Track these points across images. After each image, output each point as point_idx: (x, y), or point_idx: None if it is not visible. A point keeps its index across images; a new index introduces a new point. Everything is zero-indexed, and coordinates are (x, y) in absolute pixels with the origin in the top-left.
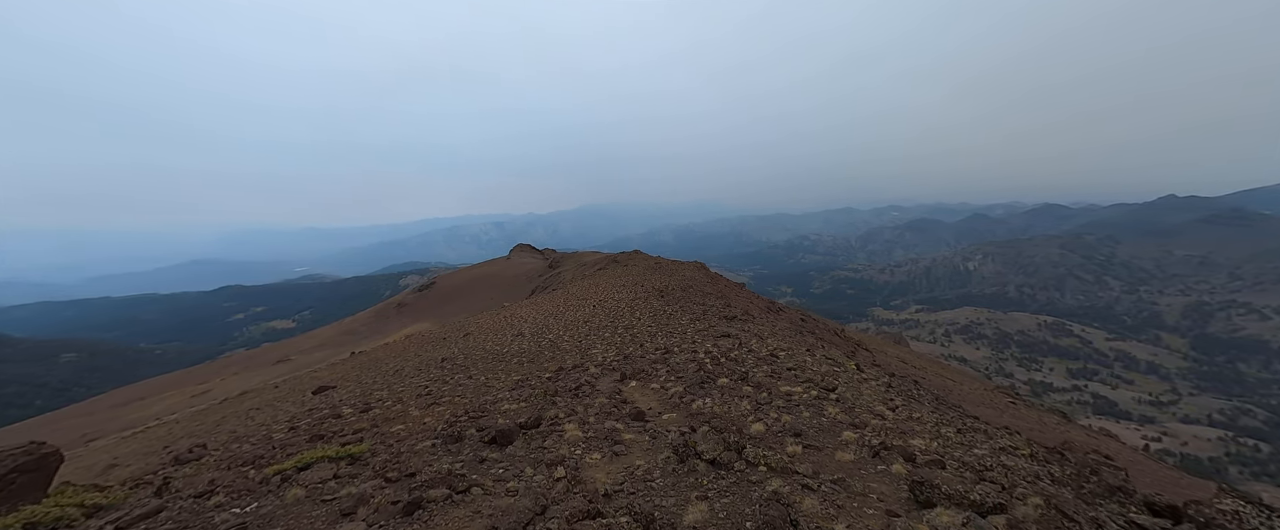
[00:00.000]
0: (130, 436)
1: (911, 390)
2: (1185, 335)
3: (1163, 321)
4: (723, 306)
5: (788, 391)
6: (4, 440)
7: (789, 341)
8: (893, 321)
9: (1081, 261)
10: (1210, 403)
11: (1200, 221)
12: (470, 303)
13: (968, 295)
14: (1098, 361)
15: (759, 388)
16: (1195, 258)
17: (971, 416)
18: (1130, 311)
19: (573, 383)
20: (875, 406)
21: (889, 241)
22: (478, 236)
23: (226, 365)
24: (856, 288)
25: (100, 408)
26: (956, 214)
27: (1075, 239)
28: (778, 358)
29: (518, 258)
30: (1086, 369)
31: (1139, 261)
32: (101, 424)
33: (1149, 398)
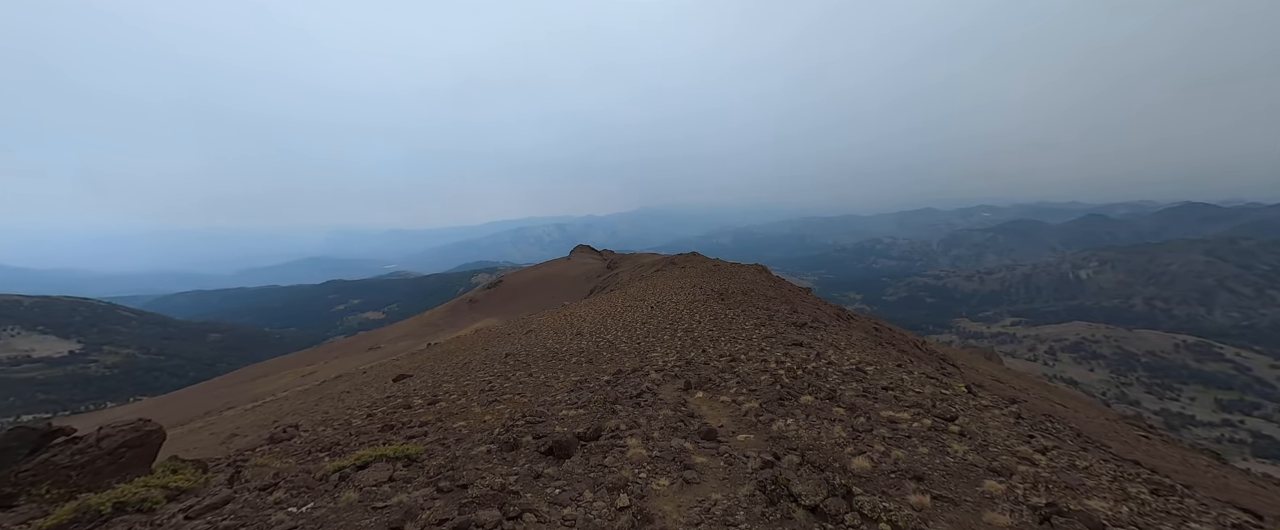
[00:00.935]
0: (252, 409)
1: (1047, 424)
2: None
3: None
4: (789, 312)
5: (890, 417)
6: (172, 405)
7: (873, 354)
8: (982, 335)
9: (1237, 271)
10: None
11: None
12: (533, 300)
13: (1079, 308)
14: (1259, 392)
15: (852, 410)
16: None
17: (1157, 472)
18: None
19: (633, 388)
20: (1014, 445)
21: (978, 245)
22: (541, 237)
23: (330, 350)
24: (938, 296)
25: (237, 381)
26: (1064, 214)
27: (1228, 244)
28: (866, 373)
29: (577, 258)
30: (1244, 401)
31: None
32: (237, 395)
33: None
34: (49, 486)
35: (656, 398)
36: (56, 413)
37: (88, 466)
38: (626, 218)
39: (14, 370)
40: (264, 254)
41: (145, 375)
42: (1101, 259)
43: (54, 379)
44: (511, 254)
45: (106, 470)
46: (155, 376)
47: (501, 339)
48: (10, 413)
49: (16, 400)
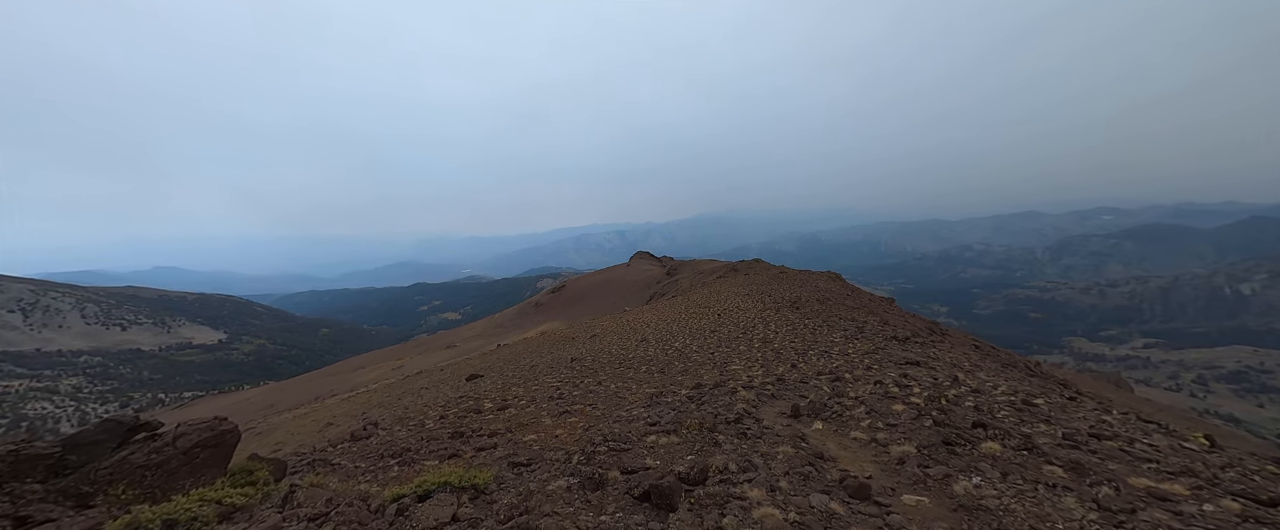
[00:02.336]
0: (346, 398)
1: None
2: None
3: None
4: (880, 324)
5: (1149, 488)
6: (291, 390)
7: (1023, 382)
8: (1104, 357)
9: None
10: None
11: None
12: (596, 305)
13: (1239, 329)
14: None
15: (1076, 471)
16: None
17: None
18: None
19: (726, 410)
20: None
21: (1097, 253)
22: (602, 244)
23: (415, 346)
24: (1044, 310)
25: (340, 371)
26: (1217, 217)
27: None
28: (1038, 407)
29: (637, 264)
30: None
31: None
32: (339, 384)
33: None
34: (124, 487)
35: (761, 426)
36: (210, 391)
37: (163, 466)
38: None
39: (179, 354)
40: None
41: (273, 362)
42: (1271, 271)
43: (206, 363)
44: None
45: (181, 471)
46: (280, 364)
47: (566, 343)
48: (175, 390)
49: (181, 379)
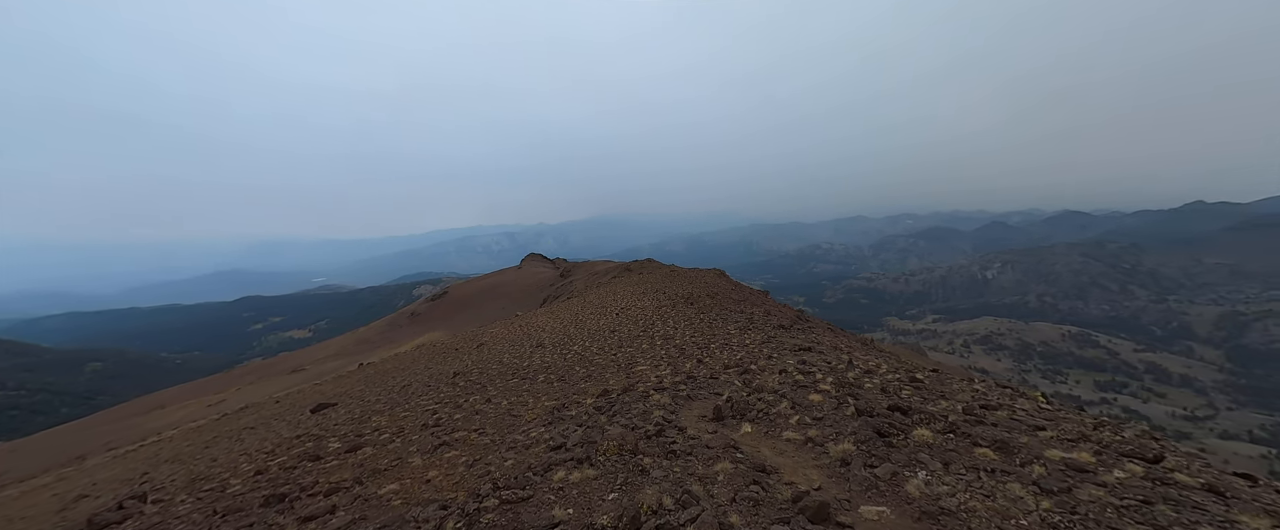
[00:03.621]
0: (129, 453)
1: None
2: (1219, 347)
3: (1194, 333)
4: (764, 315)
5: (1065, 459)
6: (25, 451)
7: (883, 357)
8: (909, 332)
9: (1105, 270)
10: (1250, 418)
11: (1231, 229)
12: (483, 312)
13: (986, 305)
14: (1127, 374)
15: (1004, 450)
16: (1226, 266)
17: None
18: (1158, 322)
19: (645, 423)
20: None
21: (903, 250)
22: (489, 247)
23: (245, 374)
24: (870, 297)
25: (127, 415)
26: (973, 222)
27: (1098, 247)
28: (920, 382)
29: (529, 267)
30: (1115, 381)
31: (1166, 270)
32: (123, 433)
33: (1183, 412)
34: None
35: (687, 437)
36: None
37: None
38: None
39: None
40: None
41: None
42: (1003, 261)
43: None
44: (457, 264)
45: None
46: (10, 417)
47: (448, 355)
48: None
49: None
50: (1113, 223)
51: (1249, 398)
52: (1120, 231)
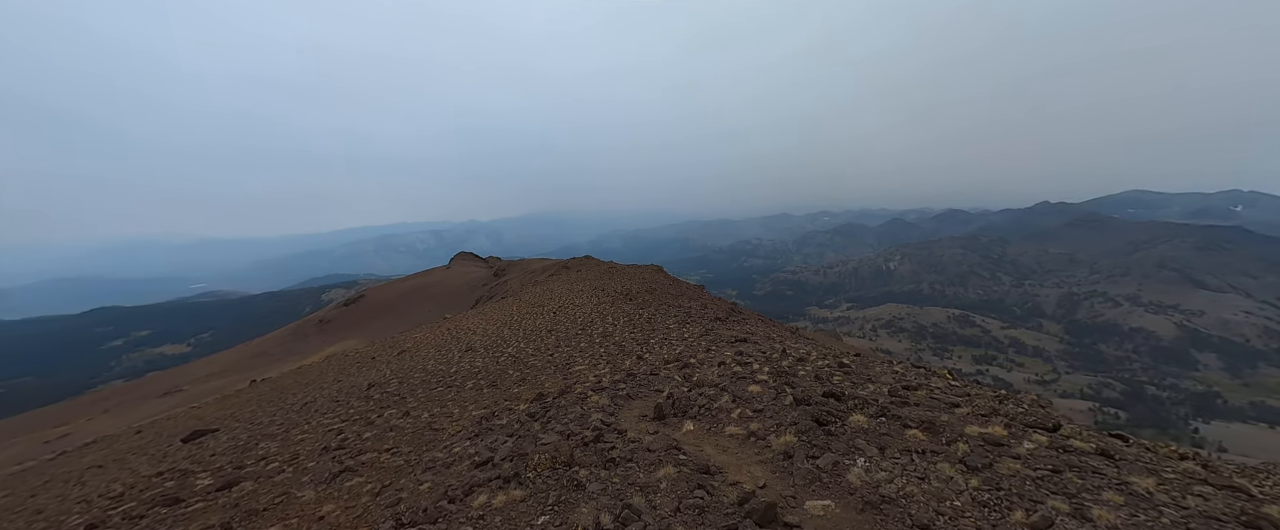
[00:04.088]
0: None
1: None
2: (1060, 321)
3: (1043, 311)
4: (701, 308)
5: (983, 435)
6: None
7: (810, 344)
8: (827, 319)
9: (980, 260)
10: (1081, 379)
11: (1067, 224)
12: (406, 316)
13: (889, 293)
14: (995, 348)
15: (930, 430)
16: (1064, 255)
17: None
18: (1018, 303)
19: (582, 429)
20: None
21: (821, 245)
22: (412, 246)
23: (99, 401)
24: (794, 289)
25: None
26: (878, 219)
27: (973, 240)
28: (848, 366)
29: (460, 266)
30: (987, 355)
31: (1023, 259)
32: None
33: (1036, 378)
34: None
35: (627, 440)
36: None
37: None
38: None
39: None
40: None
41: None
42: (902, 254)
43: None
44: (377, 264)
45: None
46: None
47: (364, 365)
48: None
49: None
50: (984, 219)
51: (1080, 363)
52: (990, 227)
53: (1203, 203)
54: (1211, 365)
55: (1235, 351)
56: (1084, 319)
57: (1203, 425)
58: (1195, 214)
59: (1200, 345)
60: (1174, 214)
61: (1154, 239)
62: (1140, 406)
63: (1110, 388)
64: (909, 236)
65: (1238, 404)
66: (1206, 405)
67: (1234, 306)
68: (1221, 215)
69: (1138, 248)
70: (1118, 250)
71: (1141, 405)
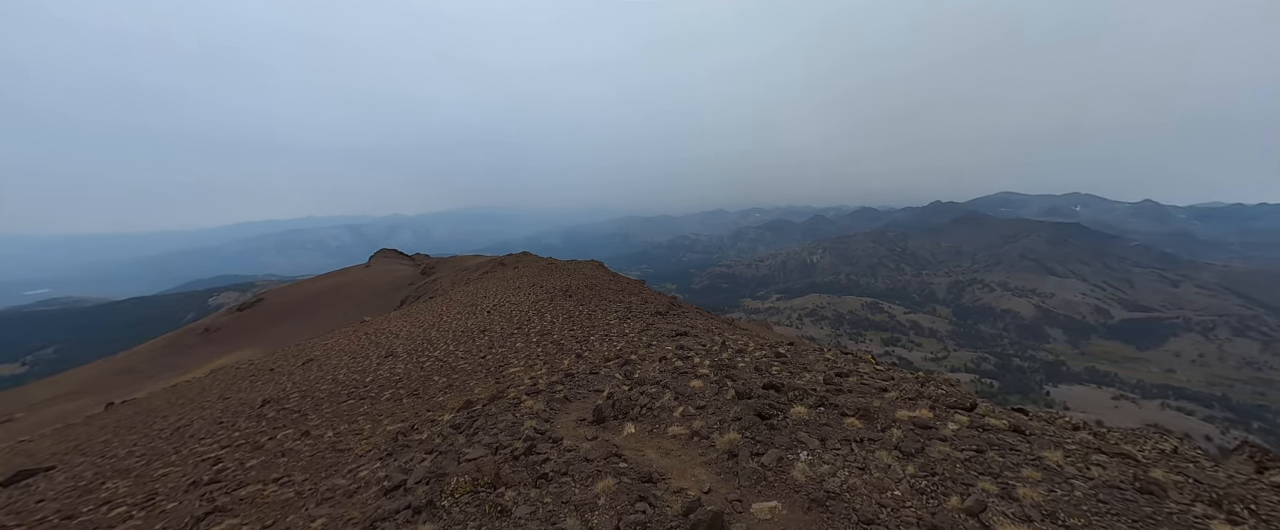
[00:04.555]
0: None
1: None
2: (949, 306)
3: (937, 297)
4: (641, 303)
5: (912, 418)
6: None
7: (748, 335)
8: (759, 310)
9: (887, 253)
10: (966, 355)
11: (954, 221)
12: (316, 321)
13: (813, 284)
14: (899, 331)
15: (866, 418)
16: (952, 248)
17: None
18: (918, 290)
19: (512, 440)
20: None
21: (753, 240)
22: (324, 242)
23: None
24: (730, 282)
25: None
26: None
27: (881, 235)
28: (783, 356)
29: (381, 264)
30: (893, 337)
31: (921, 252)
32: None
33: (931, 356)
34: None
35: (562, 449)
36: None
37: None
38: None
39: None
40: None
41: None
42: (824, 248)
43: None
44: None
45: None
46: None
47: (258, 379)
48: None
49: None
50: (890, 217)
51: (964, 341)
52: (895, 223)
53: (1053, 203)
54: (1058, 338)
55: (1075, 326)
56: (967, 303)
57: (1053, 388)
58: (1047, 212)
59: (1051, 322)
60: (1032, 212)
61: (1018, 234)
62: (1008, 376)
63: (987, 361)
64: (829, 232)
65: (1076, 370)
66: (1054, 372)
67: (1074, 290)
68: (1066, 214)
69: (1006, 241)
70: (992, 244)
71: (1009, 375)
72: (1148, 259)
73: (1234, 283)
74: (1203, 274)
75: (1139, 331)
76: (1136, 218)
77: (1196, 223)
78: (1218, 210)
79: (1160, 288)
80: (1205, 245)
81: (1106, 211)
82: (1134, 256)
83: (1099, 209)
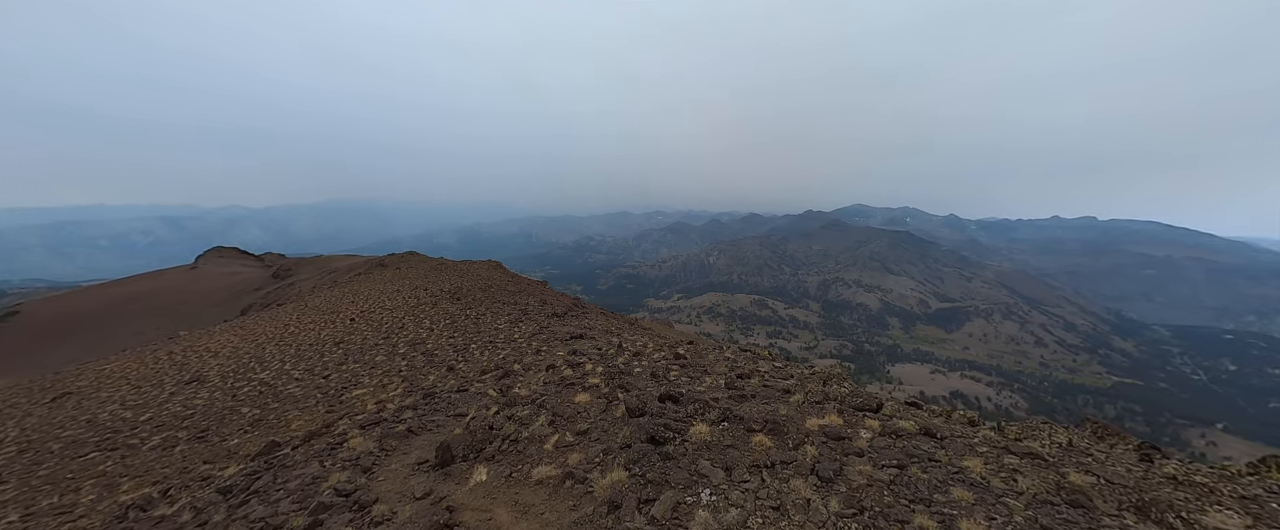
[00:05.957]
0: None
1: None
2: (819, 300)
3: (809, 293)
4: (540, 304)
5: (821, 427)
6: None
7: (647, 335)
8: (662, 309)
9: (771, 255)
10: (831, 343)
11: (822, 227)
12: (108, 340)
13: (710, 283)
14: (780, 324)
15: (773, 433)
16: (820, 250)
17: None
18: (794, 288)
19: (301, 502)
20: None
21: (656, 242)
22: (125, 238)
23: None
24: (634, 282)
25: None
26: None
27: (766, 239)
28: (682, 357)
29: (214, 266)
30: (775, 330)
31: (798, 254)
32: None
33: (805, 346)
34: None
35: (369, 521)
36: None
37: None
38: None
39: None
40: None
41: None
42: (719, 250)
43: None
44: (50, 267)
45: None
46: None
47: None
48: None
49: None
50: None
51: (830, 331)
52: (777, 229)
53: (891, 214)
54: (895, 326)
55: (906, 315)
56: (832, 298)
57: (892, 367)
58: (888, 222)
59: (890, 312)
60: (877, 222)
61: (868, 240)
62: (861, 359)
63: (846, 347)
64: (724, 235)
65: (907, 351)
66: (893, 353)
67: (906, 285)
68: (900, 224)
69: (860, 245)
70: (850, 247)
71: (862, 358)
72: (951, 261)
73: (1004, 279)
74: (985, 272)
75: (946, 317)
76: (945, 227)
77: (982, 232)
78: (995, 223)
79: (959, 283)
80: (987, 249)
81: (925, 221)
82: (943, 259)
83: (921, 220)
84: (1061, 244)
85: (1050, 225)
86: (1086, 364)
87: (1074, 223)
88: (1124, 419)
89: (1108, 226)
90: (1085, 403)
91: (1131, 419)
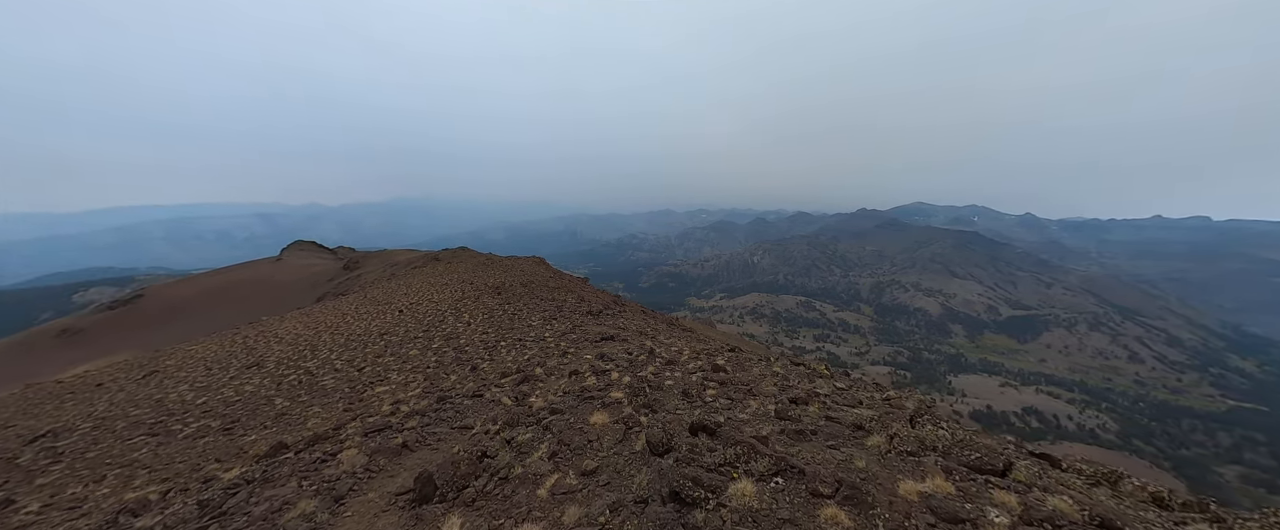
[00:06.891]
0: None
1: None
2: (871, 304)
3: (861, 296)
4: (577, 301)
5: (921, 494)
6: None
7: (684, 339)
8: (704, 309)
9: (819, 255)
10: (885, 349)
11: (877, 227)
12: (207, 321)
13: (754, 284)
14: (828, 327)
15: (850, 503)
16: (875, 251)
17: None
18: (845, 290)
19: (268, 524)
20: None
21: (699, 240)
22: (229, 232)
23: None
24: (676, 281)
25: None
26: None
27: (815, 238)
28: (723, 369)
29: (294, 259)
30: (823, 333)
31: (849, 255)
32: None
33: (855, 351)
34: None
35: None
36: None
37: None
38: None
39: None
40: None
41: None
42: (764, 249)
43: None
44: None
45: None
46: None
47: (74, 396)
48: None
49: None
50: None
51: (884, 337)
52: (826, 228)
53: (956, 213)
54: (958, 333)
55: (972, 322)
56: (887, 302)
57: (954, 378)
58: (952, 222)
59: (953, 319)
60: (940, 221)
61: (929, 240)
62: (919, 367)
63: (902, 355)
64: (769, 234)
65: (972, 361)
66: (956, 363)
67: (972, 290)
68: (966, 223)
69: (919, 246)
70: (908, 248)
71: (920, 366)
72: (1027, 264)
73: (1091, 285)
74: (1068, 278)
75: (1021, 326)
76: (1020, 228)
77: (1065, 234)
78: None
79: (1037, 289)
80: (1072, 253)
81: (996, 221)
82: (1017, 262)
83: (991, 219)
84: (1163, 246)
85: (1151, 225)
86: (1194, 384)
87: (1181, 223)
88: (1242, 449)
89: (1224, 228)
90: (1192, 428)
91: (1253, 450)
